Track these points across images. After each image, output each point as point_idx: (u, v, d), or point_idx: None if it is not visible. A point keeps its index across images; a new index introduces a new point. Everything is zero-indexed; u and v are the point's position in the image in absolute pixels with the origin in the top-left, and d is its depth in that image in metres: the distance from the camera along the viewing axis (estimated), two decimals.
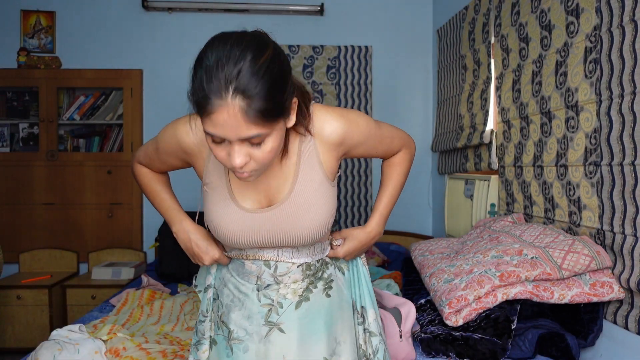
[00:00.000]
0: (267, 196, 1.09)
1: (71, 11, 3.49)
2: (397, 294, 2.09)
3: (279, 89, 0.88)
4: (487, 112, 2.58)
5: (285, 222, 1.07)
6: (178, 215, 1.22)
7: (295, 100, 0.95)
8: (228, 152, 0.90)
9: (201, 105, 0.86)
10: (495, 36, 2.52)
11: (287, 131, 1.01)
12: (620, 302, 1.62)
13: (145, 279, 2.66)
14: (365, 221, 3.65)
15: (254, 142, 0.89)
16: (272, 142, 0.91)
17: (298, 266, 1.13)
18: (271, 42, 0.92)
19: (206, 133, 0.89)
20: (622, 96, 1.57)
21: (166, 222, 1.25)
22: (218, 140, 0.90)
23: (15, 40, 3.46)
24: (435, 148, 3.40)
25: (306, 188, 1.07)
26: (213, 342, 1.18)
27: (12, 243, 3.40)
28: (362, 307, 1.24)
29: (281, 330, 1.10)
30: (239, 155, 0.90)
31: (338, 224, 3.65)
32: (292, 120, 0.96)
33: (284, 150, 1.06)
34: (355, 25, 3.61)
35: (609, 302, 1.67)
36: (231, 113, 0.84)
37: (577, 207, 1.82)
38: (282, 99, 0.89)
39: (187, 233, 1.19)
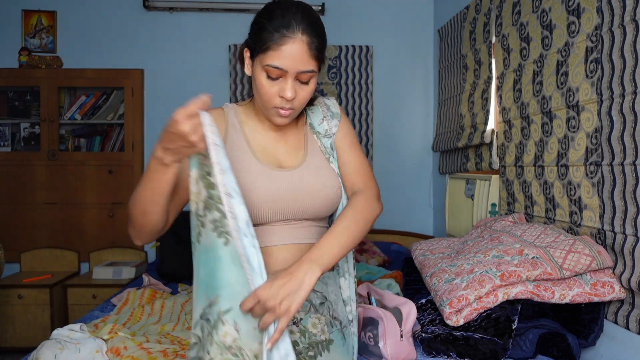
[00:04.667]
0: (284, 159, 1.23)
1: (72, 11, 3.49)
2: (397, 294, 2.09)
3: (325, 39, 1.14)
4: (488, 111, 2.58)
5: (302, 183, 1.19)
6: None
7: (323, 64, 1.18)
8: (280, 88, 1.09)
9: (273, 39, 1.06)
10: (496, 36, 2.51)
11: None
12: (621, 302, 1.62)
13: (146, 278, 2.66)
14: None
15: (304, 79, 1.10)
16: (312, 84, 1.13)
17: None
18: None
19: (268, 67, 1.07)
20: (623, 96, 1.56)
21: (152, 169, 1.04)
22: (274, 76, 1.08)
23: (16, 40, 3.47)
24: (436, 148, 3.39)
25: (315, 155, 1.25)
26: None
27: (13, 242, 3.40)
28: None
29: None
30: (291, 89, 1.09)
31: None
32: (318, 77, 1.17)
33: (299, 116, 1.28)
34: (356, 25, 3.61)
35: (609, 302, 1.67)
36: (299, 45, 1.07)
37: (577, 207, 1.82)
38: (325, 49, 1.14)
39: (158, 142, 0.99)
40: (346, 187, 1.27)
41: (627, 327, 1.58)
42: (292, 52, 1.07)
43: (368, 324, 1.59)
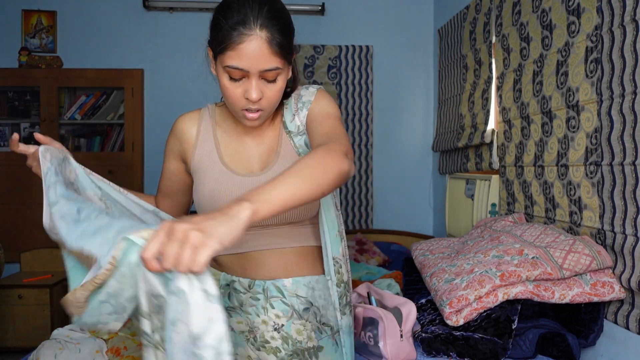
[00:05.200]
0: (255, 163, 1.16)
1: (72, 11, 3.49)
2: (397, 294, 2.09)
3: (290, 30, 1.04)
4: (488, 111, 2.58)
5: None
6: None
7: (294, 55, 1.09)
8: (244, 89, 1.01)
9: (230, 37, 0.98)
10: (496, 36, 2.51)
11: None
12: (621, 302, 1.62)
13: None
14: (366, 221, 3.67)
15: (270, 77, 1.01)
16: (281, 82, 1.04)
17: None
18: None
19: (228, 68, 0.99)
20: (623, 96, 1.56)
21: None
22: (237, 77, 1.00)
23: (16, 39, 3.47)
24: (436, 148, 3.39)
25: (287, 157, 1.15)
26: None
27: (13, 242, 3.40)
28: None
29: None
30: (256, 90, 1.01)
31: None
32: (290, 71, 1.09)
33: (272, 115, 1.16)
34: (356, 25, 3.60)
35: (609, 302, 1.67)
36: (258, 43, 0.97)
37: (577, 207, 1.82)
38: (291, 40, 1.05)
39: None
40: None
41: (627, 327, 1.58)
42: (251, 50, 0.97)
43: (368, 324, 1.59)
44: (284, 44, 1.01)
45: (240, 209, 0.75)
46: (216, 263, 1.17)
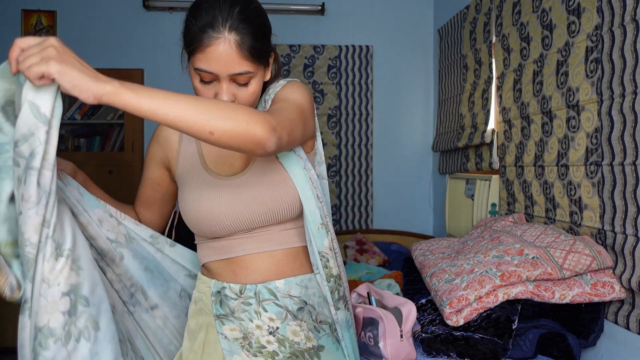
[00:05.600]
0: (237, 162, 1.12)
1: (72, 11, 3.49)
2: (397, 294, 2.09)
3: (264, 32, 1.01)
4: (488, 111, 2.58)
5: (249, 189, 1.07)
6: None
7: (272, 55, 1.07)
8: (215, 92, 0.98)
9: (198, 39, 0.95)
10: (496, 36, 2.51)
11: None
12: (622, 302, 1.62)
13: None
14: (366, 221, 3.67)
15: (241, 81, 0.98)
16: (255, 85, 1.00)
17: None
18: None
19: (197, 70, 0.97)
20: (623, 96, 1.56)
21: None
22: (207, 80, 0.98)
23: None
24: (436, 148, 3.39)
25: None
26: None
27: None
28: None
29: None
30: (227, 93, 0.97)
31: (339, 224, 3.65)
32: (268, 73, 1.07)
33: None
34: (356, 25, 3.60)
35: (610, 302, 1.66)
36: (226, 46, 0.94)
37: (578, 207, 1.82)
38: (267, 43, 1.02)
39: None
40: None
41: (628, 327, 1.58)
42: (219, 54, 0.94)
43: (368, 324, 1.59)
44: (256, 47, 0.97)
45: (107, 80, 0.82)
46: (207, 270, 1.14)
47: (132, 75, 3.47)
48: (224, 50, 0.94)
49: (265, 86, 1.12)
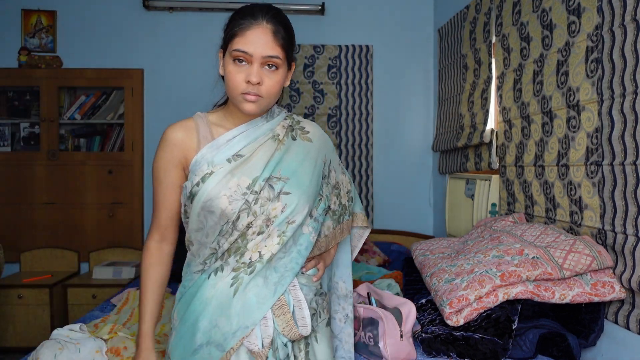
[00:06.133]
0: None
1: (72, 10, 3.49)
2: (397, 294, 2.09)
3: (293, 36, 1.18)
4: (487, 111, 2.58)
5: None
6: (149, 345, 1.21)
7: (293, 65, 1.21)
8: (246, 74, 1.11)
9: (239, 24, 1.12)
10: (496, 35, 2.51)
11: None
12: (622, 302, 1.62)
13: None
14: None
15: (271, 63, 1.12)
16: (280, 75, 1.14)
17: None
18: None
19: (234, 52, 1.11)
20: (623, 96, 1.56)
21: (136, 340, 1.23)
22: (241, 60, 1.11)
23: (16, 39, 3.46)
24: (436, 148, 3.39)
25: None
26: None
27: (13, 242, 3.40)
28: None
29: None
30: (256, 75, 1.11)
31: None
32: (288, 79, 1.20)
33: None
34: (356, 25, 3.60)
35: (610, 302, 1.66)
36: (263, 31, 1.11)
37: (578, 207, 1.82)
38: (293, 45, 1.18)
39: None
40: None
41: (628, 327, 1.58)
42: (256, 36, 1.11)
43: (368, 324, 1.59)
44: (287, 40, 1.14)
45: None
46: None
47: (132, 75, 3.47)
48: (261, 33, 1.11)
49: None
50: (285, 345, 1.14)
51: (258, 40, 1.10)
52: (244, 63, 1.11)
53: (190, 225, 1.17)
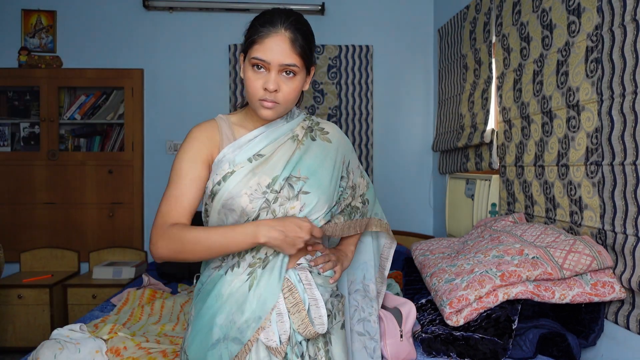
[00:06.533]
0: None
1: (72, 10, 3.49)
2: (397, 294, 2.09)
3: (312, 41, 1.20)
4: (488, 111, 2.58)
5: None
6: (248, 227, 1.12)
7: (313, 69, 1.23)
8: (264, 81, 1.13)
9: (259, 31, 1.13)
10: (496, 35, 2.51)
11: None
12: (622, 302, 1.62)
13: (146, 278, 2.66)
14: None
15: (289, 70, 1.14)
16: (298, 82, 1.17)
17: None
18: None
19: (253, 59, 1.13)
20: (623, 96, 1.56)
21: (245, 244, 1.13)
22: (260, 67, 1.13)
23: (16, 39, 3.46)
24: (436, 148, 3.39)
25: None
26: None
27: (13, 242, 3.40)
28: None
29: None
30: (274, 82, 1.13)
31: None
32: (307, 84, 1.22)
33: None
34: (356, 25, 3.60)
35: (610, 302, 1.66)
36: (282, 40, 1.13)
37: (578, 207, 1.82)
38: (312, 51, 1.20)
39: (273, 227, 1.11)
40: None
41: (628, 327, 1.58)
42: (274, 45, 1.12)
43: None
44: (305, 48, 1.15)
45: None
46: None
47: (132, 75, 3.47)
48: (279, 41, 1.12)
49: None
50: (300, 343, 1.14)
51: (276, 48, 1.12)
52: (262, 70, 1.13)
53: (210, 223, 1.19)
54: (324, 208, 1.20)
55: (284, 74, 1.14)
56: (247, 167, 1.16)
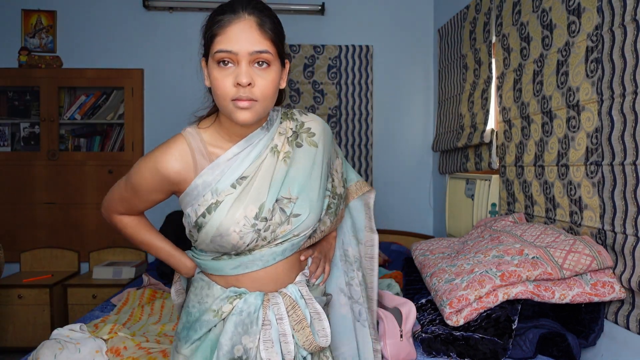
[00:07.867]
0: None
1: (72, 11, 3.49)
2: (397, 294, 2.09)
3: (282, 28, 1.03)
4: (487, 111, 2.58)
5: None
6: (182, 259, 1.20)
7: (287, 63, 1.07)
8: (234, 77, 0.97)
9: (218, 21, 0.98)
10: (496, 35, 2.51)
11: None
12: (622, 302, 1.62)
13: (146, 278, 2.66)
14: None
15: (261, 60, 0.98)
16: (274, 73, 1.00)
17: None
18: None
19: (217, 54, 0.97)
20: (623, 96, 1.56)
21: (172, 266, 1.22)
22: (226, 61, 0.97)
23: (16, 39, 3.46)
24: (436, 148, 3.39)
25: None
26: None
27: (13, 242, 3.40)
28: None
29: None
30: (246, 75, 0.96)
31: None
32: (284, 81, 1.07)
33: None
34: (356, 25, 3.60)
35: (610, 302, 1.66)
36: (246, 24, 0.97)
37: (578, 207, 1.82)
38: (283, 38, 1.04)
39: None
40: None
41: (627, 327, 1.58)
42: (239, 31, 0.96)
43: None
44: (275, 31, 1.00)
45: None
46: None
47: (132, 75, 3.47)
48: (243, 27, 0.97)
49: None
50: (305, 358, 1.10)
51: (242, 35, 0.96)
52: (229, 65, 0.97)
53: (199, 246, 1.10)
54: (312, 224, 1.11)
55: (256, 65, 0.98)
56: (231, 197, 1.03)
